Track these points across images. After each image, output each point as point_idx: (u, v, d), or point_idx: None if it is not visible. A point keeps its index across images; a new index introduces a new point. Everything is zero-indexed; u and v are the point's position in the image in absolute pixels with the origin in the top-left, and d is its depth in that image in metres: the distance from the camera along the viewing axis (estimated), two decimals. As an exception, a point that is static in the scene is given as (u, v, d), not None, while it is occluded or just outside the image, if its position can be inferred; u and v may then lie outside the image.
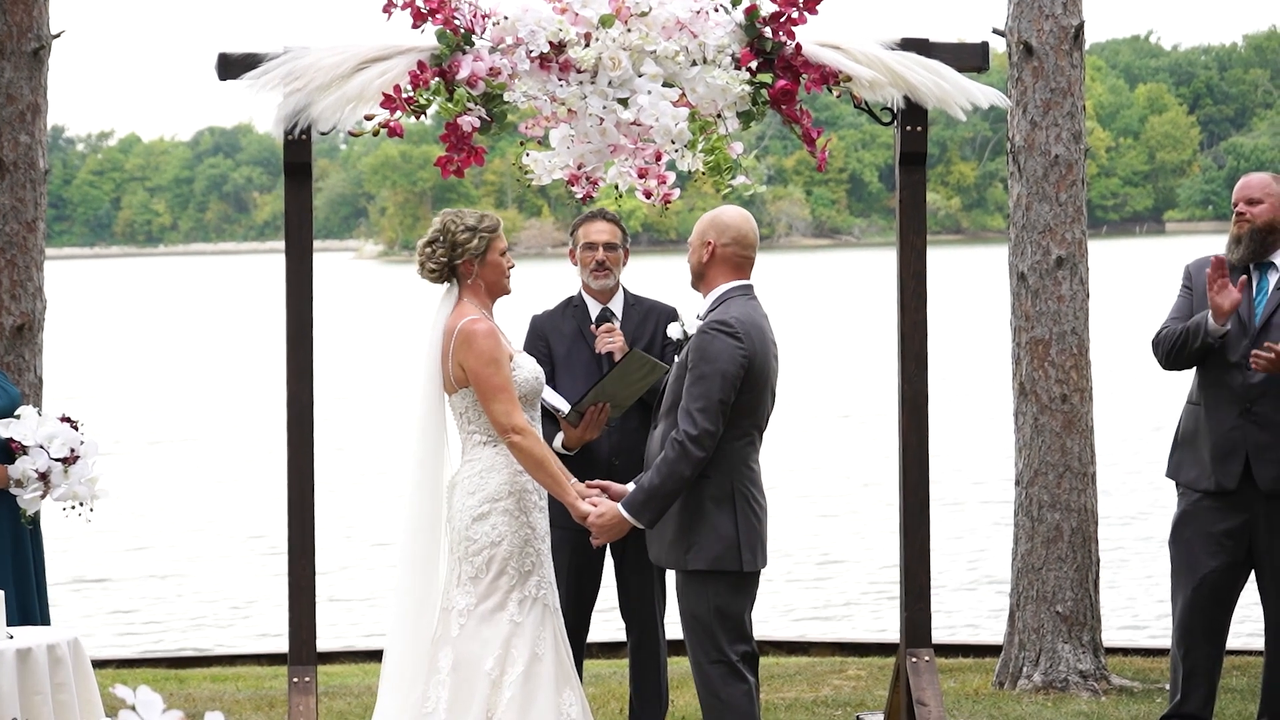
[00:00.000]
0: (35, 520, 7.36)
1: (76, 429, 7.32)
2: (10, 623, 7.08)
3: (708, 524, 6.64)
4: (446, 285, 6.93)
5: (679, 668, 9.15)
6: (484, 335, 6.74)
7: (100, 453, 7.44)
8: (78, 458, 7.29)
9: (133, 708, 3.08)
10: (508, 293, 6.98)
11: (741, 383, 6.61)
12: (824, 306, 56.65)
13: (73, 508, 7.36)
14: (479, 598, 6.78)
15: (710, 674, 6.71)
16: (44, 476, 7.23)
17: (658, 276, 20.51)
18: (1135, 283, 53.81)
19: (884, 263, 77.67)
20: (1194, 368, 7.68)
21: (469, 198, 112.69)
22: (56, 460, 7.25)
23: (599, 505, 6.70)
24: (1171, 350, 7.57)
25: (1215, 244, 9.00)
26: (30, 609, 7.34)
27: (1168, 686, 8.87)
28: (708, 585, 6.68)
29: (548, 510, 6.97)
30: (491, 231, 6.87)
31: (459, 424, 6.92)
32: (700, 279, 6.87)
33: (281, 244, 7.70)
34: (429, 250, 6.89)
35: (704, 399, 6.55)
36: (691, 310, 7.34)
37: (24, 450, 7.24)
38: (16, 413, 7.35)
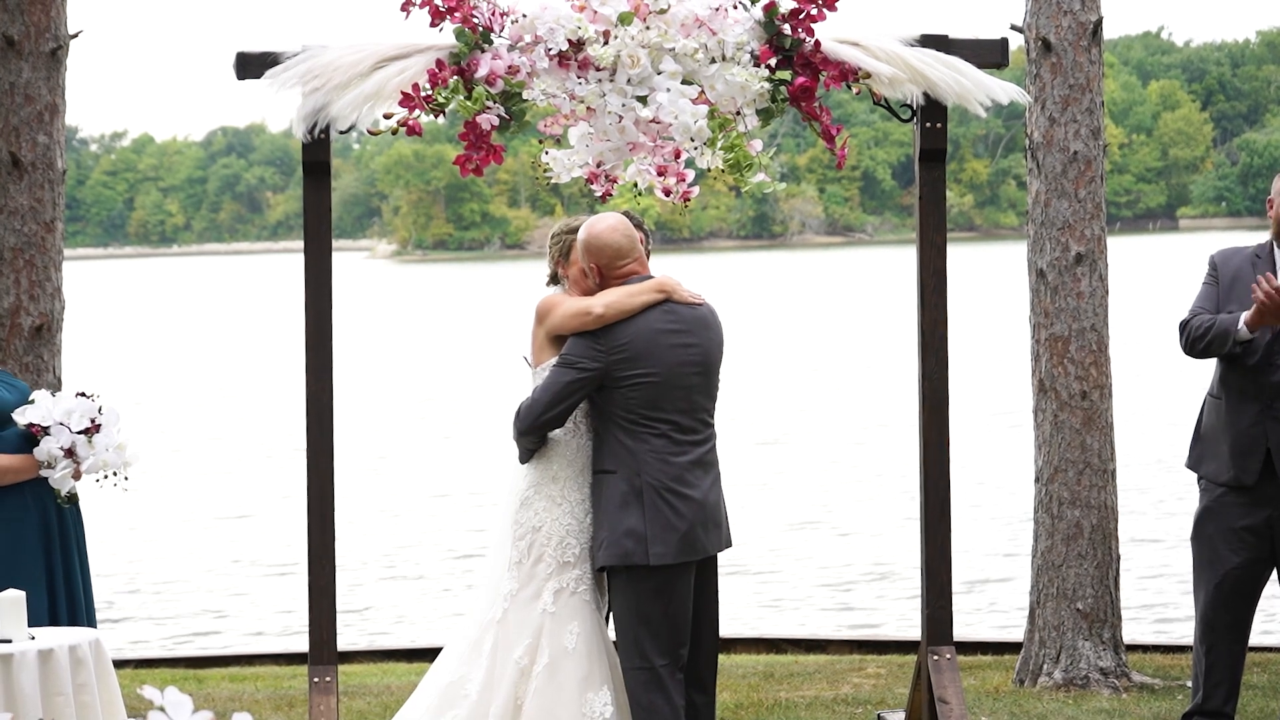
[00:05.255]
0: (74, 499, 7.28)
1: (93, 401, 7.27)
2: (59, 622, 7.07)
3: (613, 520, 6.69)
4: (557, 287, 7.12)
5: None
6: (547, 297, 6.91)
7: (123, 419, 7.32)
8: (99, 426, 7.22)
9: (162, 709, 3.07)
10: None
11: (611, 380, 6.70)
12: (838, 305, 56.60)
13: (106, 478, 7.29)
14: (520, 583, 6.81)
15: (632, 679, 6.71)
16: (70, 453, 7.18)
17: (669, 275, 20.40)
18: (1152, 279, 53.74)
19: (897, 260, 77.66)
20: (1214, 359, 7.65)
21: (483, 196, 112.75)
22: (79, 433, 7.19)
23: None
24: (1198, 341, 7.53)
25: (1228, 240, 8.98)
26: (78, 610, 7.28)
27: (1189, 684, 8.85)
28: (623, 583, 6.72)
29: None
30: (570, 233, 7.00)
31: None
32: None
33: (295, 243, 7.79)
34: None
35: (545, 385, 6.75)
36: None
37: (45, 432, 7.19)
38: (30, 398, 7.30)
